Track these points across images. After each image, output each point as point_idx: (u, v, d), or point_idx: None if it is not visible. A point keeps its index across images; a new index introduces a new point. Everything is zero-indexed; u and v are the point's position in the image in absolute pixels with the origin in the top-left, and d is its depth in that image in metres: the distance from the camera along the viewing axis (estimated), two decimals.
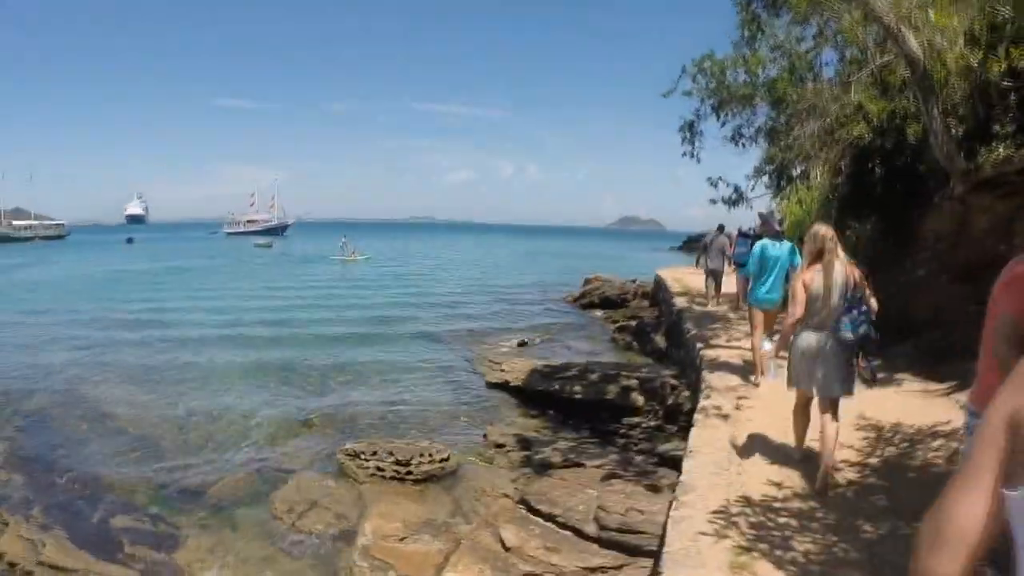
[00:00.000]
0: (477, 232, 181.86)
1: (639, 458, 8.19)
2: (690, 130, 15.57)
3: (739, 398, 7.24)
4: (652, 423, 9.56)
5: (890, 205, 8.13)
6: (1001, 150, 6.19)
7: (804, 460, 5.30)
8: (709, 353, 9.41)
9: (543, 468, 7.86)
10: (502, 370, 12.02)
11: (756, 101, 14.02)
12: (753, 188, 16.19)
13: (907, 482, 5.03)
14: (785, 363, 5.12)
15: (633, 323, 17.05)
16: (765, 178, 15.40)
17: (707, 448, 5.59)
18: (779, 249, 7.80)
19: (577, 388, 10.36)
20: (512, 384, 11.46)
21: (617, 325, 17.74)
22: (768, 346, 5.37)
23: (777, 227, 8.30)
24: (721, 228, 15.60)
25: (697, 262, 18.02)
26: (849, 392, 4.82)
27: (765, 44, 13.03)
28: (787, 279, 7.68)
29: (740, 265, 12.09)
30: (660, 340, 14.81)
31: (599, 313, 21.43)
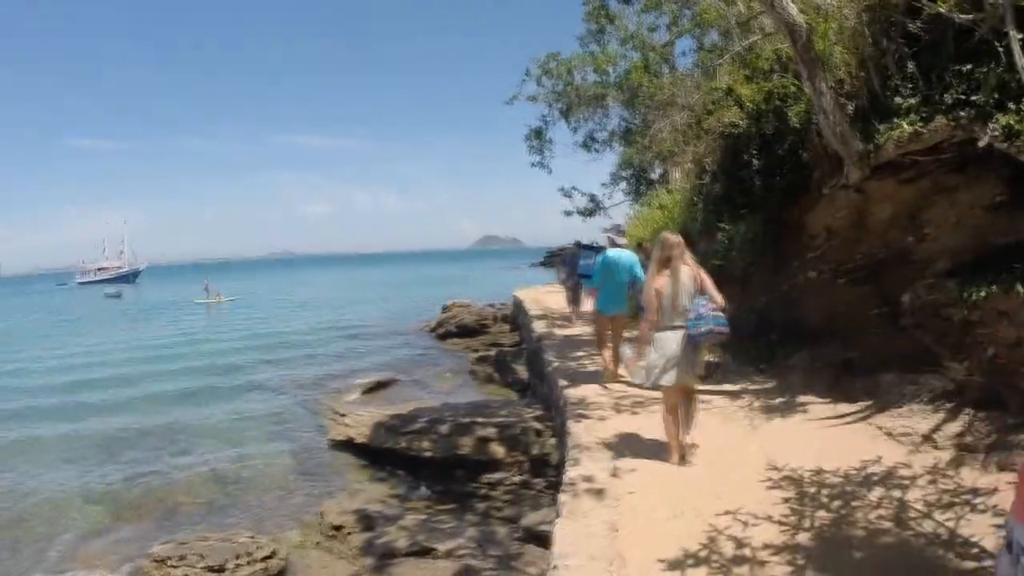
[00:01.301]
0: (337, 264, 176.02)
1: (502, 531, 6.74)
2: (538, 137, 14.29)
3: (615, 457, 5.63)
4: (516, 478, 8.03)
5: (771, 200, 6.96)
6: (905, 125, 5.04)
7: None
8: (574, 393, 7.79)
9: (387, 556, 6.41)
10: (347, 424, 10.29)
11: (608, 101, 12.93)
12: (610, 196, 15.17)
13: (857, 569, 3.63)
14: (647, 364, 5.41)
15: (493, 352, 15.56)
16: (623, 184, 14.38)
17: (580, 557, 3.86)
18: (620, 259, 7.89)
19: (426, 444, 8.61)
20: (357, 441, 9.74)
21: (477, 355, 16.21)
22: (629, 352, 5.99)
23: (615, 236, 8.26)
24: (578, 243, 14.59)
25: (558, 278, 17.18)
26: (701, 377, 5.58)
27: (615, 38, 11.93)
28: (631, 287, 7.90)
29: (586, 277, 11.22)
30: (522, 370, 13.35)
31: (458, 343, 19.86)
